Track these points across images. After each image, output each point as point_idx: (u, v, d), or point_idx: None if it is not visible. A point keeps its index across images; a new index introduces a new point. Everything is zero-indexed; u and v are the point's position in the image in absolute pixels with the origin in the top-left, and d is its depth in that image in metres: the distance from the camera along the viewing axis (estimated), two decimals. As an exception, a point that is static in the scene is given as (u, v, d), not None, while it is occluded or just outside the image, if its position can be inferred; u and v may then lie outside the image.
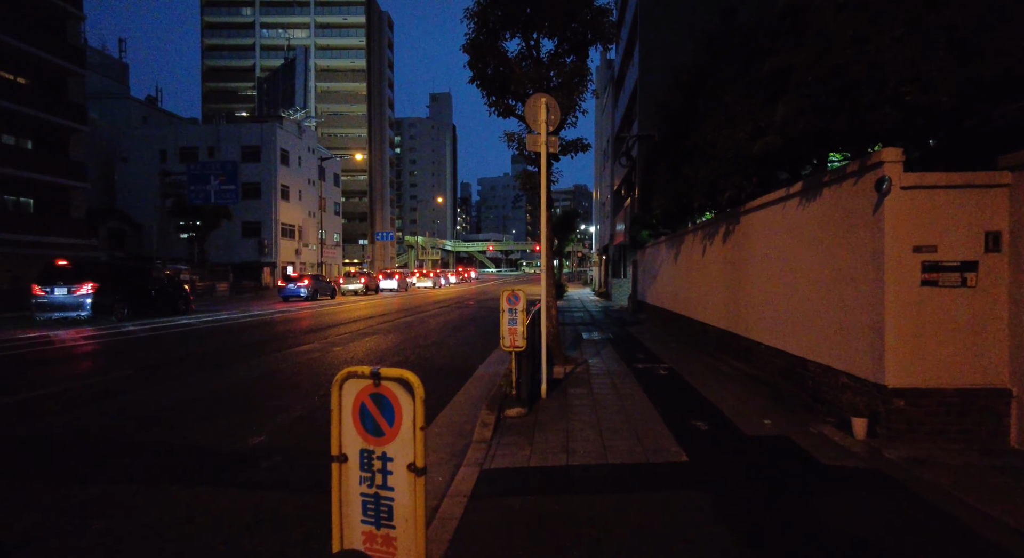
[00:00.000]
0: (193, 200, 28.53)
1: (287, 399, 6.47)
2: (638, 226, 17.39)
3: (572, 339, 11.77)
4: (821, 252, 5.47)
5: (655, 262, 15.35)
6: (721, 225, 8.85)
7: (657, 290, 15.09)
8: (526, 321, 5.72)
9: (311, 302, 27.21)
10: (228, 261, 45.72)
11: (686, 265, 11.39)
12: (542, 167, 6.22)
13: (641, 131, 19.15)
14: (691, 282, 11.03)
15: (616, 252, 27.67)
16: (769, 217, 6.88)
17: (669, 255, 13.18)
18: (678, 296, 12.30)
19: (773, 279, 6.75)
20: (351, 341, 11.67)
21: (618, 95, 27.30)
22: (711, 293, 9.58)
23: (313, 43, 74.45)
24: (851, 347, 4.90)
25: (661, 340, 11.45)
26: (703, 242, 10.00)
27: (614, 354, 9.59)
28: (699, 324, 10.46)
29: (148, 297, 17.49)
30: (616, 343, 11.07)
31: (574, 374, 7.69)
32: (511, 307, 5.72)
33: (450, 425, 5.47)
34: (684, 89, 9.99)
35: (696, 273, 10.59)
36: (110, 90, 71.47)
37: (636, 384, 7.00)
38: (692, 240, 10.82)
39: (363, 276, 35.23)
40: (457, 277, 62.32)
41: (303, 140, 52.80)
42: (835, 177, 5.16)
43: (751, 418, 5.31)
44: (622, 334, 12.66)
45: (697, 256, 10.47)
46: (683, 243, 11.60)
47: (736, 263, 8.19)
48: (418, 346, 11.00)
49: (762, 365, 7.20)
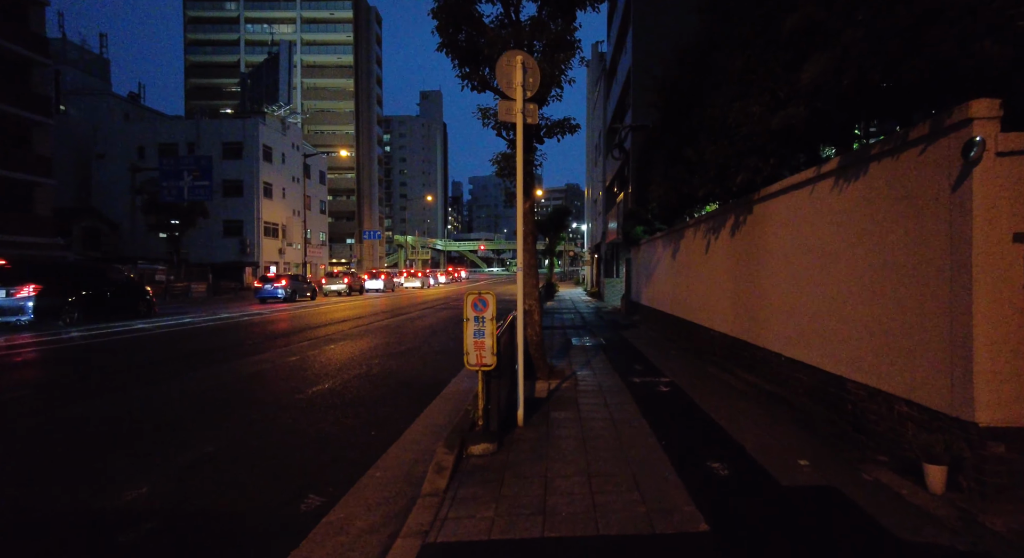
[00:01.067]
0: (165, 197, 27.06)
1: (202, 429, 5.25)
2: (632, 222, 16.27)
3: (560, 345, 10.60)
4: (868, 244, 4.32)
5: (650, 260, 14.22)
6: (729, 216, 7.71)
7: (653, 291, 13.96)
8: (497, 332, 4.54)
9: (289, 303, 25.88)
10: (209, 261, 44.23)
11: (686, 263, 10.26)
12: (518, 141, 5.03)
13: (635, 121, 18.03)
14: (692, 282, 9.90)
15: (608, 250, 26.57)
16: (793, 204, 5.74)
17: (666, 252, 12.05)
18: (677, 297, 11.17)
19: (797, 278, 5.61)
20: (314, 348, 10.43)
21: (610, 87, 26.17)
22: (716, 294, 8.44)
23: (299, 38, 72.86)
24: (913, 366, 3.76)
25: (659, 347, 10.30)
26: (706, 236, 8.86)
27: (607, 364, 8.42)
28: (702, 329, 9.32)
29: (103, 300, 16.12)
30: (609, 350, 9.91)
31: (560, 391, 6.51)
32: (477, 315, 4.53)
33: (398, 466, 4.27)
34: (687, 65, 8.83)
35: (698, 272, 9.46)
36: (90, 86, 69.69)
37: (633, 405, 5.83)
38: (693, 235, 9.68)
39: (346, 276, 33.86)
40: (447, 277, 61.00)
41: (287, 137, 51.31)
42: (891, 147, 4.01)
43: (782, 456, 4.15)
44: (615, 339, 11.51)
45: (699, 253, 9.33)
46: (682, 239, 10.46)
47: (748, 260, 7.05)
48: (388, 354, 9.78)
49: (782, 380, 6.05)
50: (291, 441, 4.88)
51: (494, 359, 4.49)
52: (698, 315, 9.54)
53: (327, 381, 7.45)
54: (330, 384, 7.26)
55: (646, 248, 14.95)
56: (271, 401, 6.35)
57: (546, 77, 6.36)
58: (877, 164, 4.19)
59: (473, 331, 4.52)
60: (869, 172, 4.30)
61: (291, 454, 4.55)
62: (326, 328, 14.19)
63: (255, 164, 45.67)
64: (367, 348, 10.57)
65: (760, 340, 6.67)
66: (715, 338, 8.57)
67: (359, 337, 12.25)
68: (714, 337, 8.61)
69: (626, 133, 18.18)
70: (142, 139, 45.28)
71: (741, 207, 7.22)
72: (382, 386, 7.19)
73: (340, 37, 73.22)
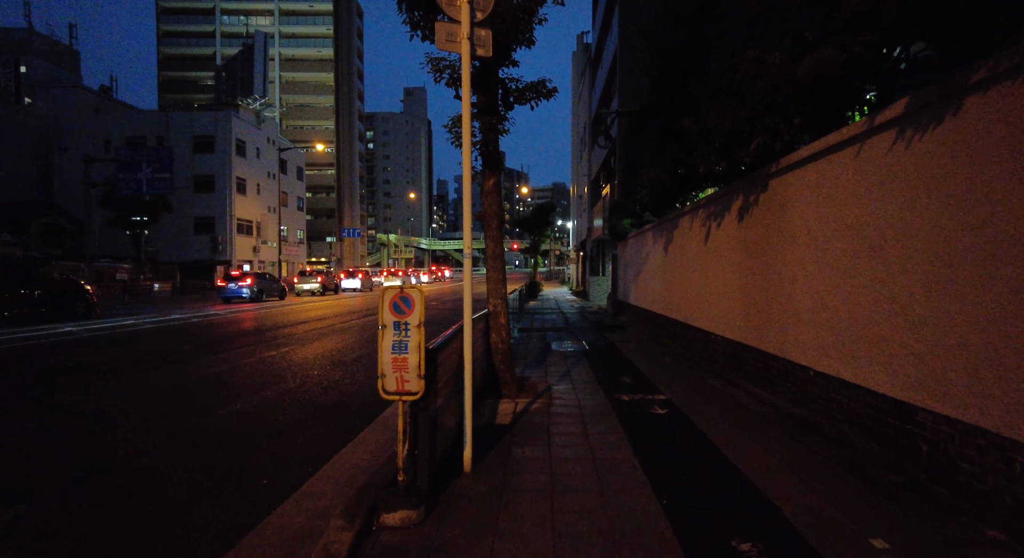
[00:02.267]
0: (123, 190, 25.19)
1: (19, 478, 3.79)
2: (618, 215, 14.97)
3: (537, 351, 9.23)
4: (962, 217, 3.00)
5: (639, 255, 12.91)
6: (736, 197, 6.39)
7: (642, 289, 12.65)
8: (424, 343, 3.13)
9: (255, 303, 24.22)
10: (180, 260, 42.31)
11: (680, 257, 8.94)
12: (464, 79, 3.64)
13: (622, 107, 16.73)
14: (687, 279, 8.58)
15: (594, 248, 25.28)
16: (829, 172, 4.41)
17: (657, 246, 10.73)
18: (670, 296, 9.85)
19: (836, 269, 4.29)
20: (251, 356, 8.94)
21: (595, 75, 24.88)
22: (718, 293, 7.12)
23: (278, 31, 70.73)
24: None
25: (649, 353, 8.97)
26: (706, 224, 7.54)
27: (590, 376, 7.05)
28: (699, 333, 8.00)
29: (31, 300, 14.43)
30: (593, 358, 8.56)
31: (528, 415, 5.12)
32: (398, 320, 3.12)
33: (274, 546, 2.86)
34: (682, 22, 7.48)
35: (695, 267, 8.14)
36: (58, 78, 67.03)
37: (621, 435, 4.46)
38: (690, 224, 8.36)
39: (319, 275, 32.18)
40: (429, 276, 59.38)
41: (262, 131, 49.39)
42: (998, 72, 2.69)
43: (841, 529, 2.81)
44: (600, 344, 10.17)
45: (696, 244, 8.01)
46: (676, 229, 9.14)
47: (761, 249, 5.74)
48: (334, 363, 8.33)
49: (812, 401, 4.73)
50: (135, 499, 3.44)
51: (421, 384, 3.09)
52: (695, 317, 8.22)
53: (245, 399, 6.00)
54: (246, 404, 5.81)
55: (634, 243, 13.65)
56: (153, 431, 4.88)
57: (508, 13, 4.99)
58: (982, 97, 2.86)
59: (391, 343, 3.12)
60: (965, 111, 2.97)
61: (124, 523, 3.11)
62: (280, 331, 12.68)
63: (227, 158, 43.78)
64: (313, 355, 9.10)
65: (778, 348, 5.35)
66: (716, 344, 7.25)
67: (311, 341, 10.77)
68: (715, 342, 7.29)
69: (612, 119, 16.87)
70: (108, 132, 43.16)
71: (753, 184, 5.90)
72: (310, 406, 5.76)
73: (320, 30, 71.21)
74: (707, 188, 9.25)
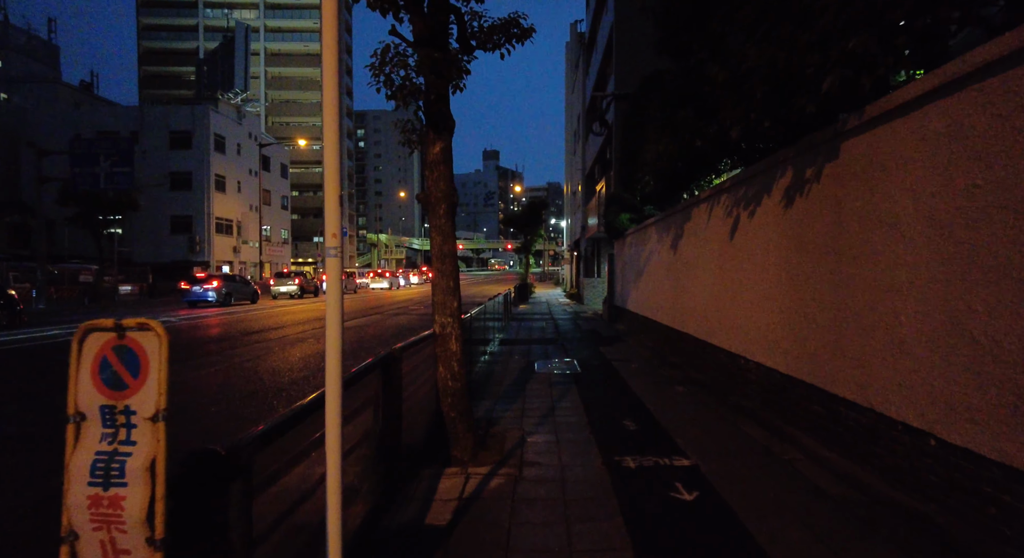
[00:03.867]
0: (78, 185, 23.20)
1: None
2: (615, 208, 13.19)
3: (517, 374, 7.42)
4: None
5: (639, 255, 11.13)
6: (781, 171, 4.59)
7: (643, 294, 10.86)
8: (163, 457, 1.34)
9: (222, 308, 22.33)
10: (155, 260, 40.33)
11: (693, 255, 7.16)
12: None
13: (619, 89, 14.95)
14: (704, 283, 6.79)
15: (589, 247, 23.51)
16: (973, 116, 2.62)
17: (662, 243, 8.95)
18: (679, 304, 8.06)
19: (985, 273, 2.50)
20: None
21: (589, 61, 23.13)
22: (752, 303, 5.33)
23: (263, 24, 68.69)
24: None
25: (657, 379, 7.17)
26: (732, 213, 5.75)
27: (580, 418, 5.23)
28: (720, 353, 6.21)
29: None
30: (586, 385, 6.74)
31: (481, 504, 3.29)
32: (109, 402, 1.32)
33: None
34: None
35: (717, 267, 6.35)
36: (36, 73, 64.84)
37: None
38: (707, 214, 6.57)
39: (297, 277, 30.25)
40: (419, 277, 57.41)
41: (243, 126, 47.38)
42: None
43: None
44: (595, 364, 8.36)
45: (717, 239, 6.23)
46: (688, 221, 7.35)
47: (828, 242, 3.94)
48: (232, 397, 6.49)
49: (931, 487, 2.94)
50: None
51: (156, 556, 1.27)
52: (716, 333, 6.42)
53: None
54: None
55: (634, 240, 11.86)
56: None
57: None
58: None
59: (90, 461, 1.30)
60: None
61: None
62: (220, 344, 10.81)
63: (206, 155, 41.81)
64: (239, 378, 7.25)
65: (858, 393, 3.56)
66: (747, 372, 5.46)
67: (249, 360, 8.92)
68: (746, 370, 5.49)
69: (608, 102, 15.09)
70: (79, 128, 40.96)
71: (811, 151, 4.11)
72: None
73: (306, 24, 69.17)
74: (723, 173, 7.49)
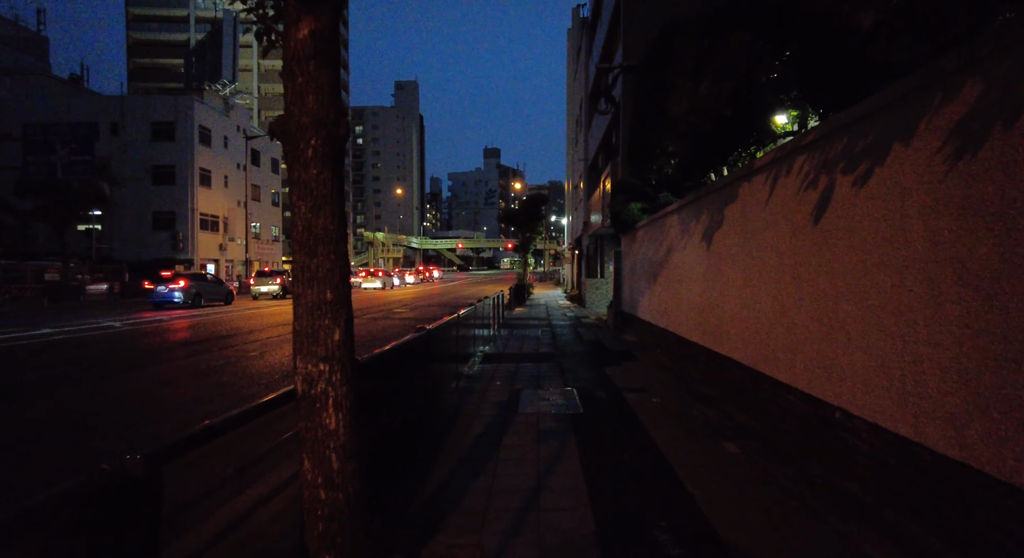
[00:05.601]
0: (32, 175, 21.28)
1: None
2: (623, 197, 11.17)
3: (495, 411, 5.41)
4: None
5: (654, 251, 9.11)
6: (944, 93, 2.57)
7: (660, 300, 8.84)
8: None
9: (189, 310, 20.38)
10: (136, 258, 38.29)
11: (741, 250, 5.14)
12: None
13: (627, 61, 12.92)
14: (762, 290, 4.77)
15: (592, 244, 21.48)
16: None
17: (689, 235, 6.94)
18: (715, 317, 6.04)
19: None
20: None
21: (592, 41, 21.10)
22: (866, 326, 3.31)
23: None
24: None
25: (690, 425, 5.14)
26: (821, 182, 3.74)
27: (579, 516, 3.20)
28: (794, 396, 4.18)
29: None
30: (588, 438, 4.72)
31: None
32: None
33: None
34: None
35: (790, 266, 4.32)
36: (26, 66, 63.00)
37: None
38: (766, 189, 4.56)
39: (279, 276, 28.27)
40: (416, 276, 55.36)
41: (231, 119, 45.40)
42: None
43: None
44: (602, 396, 6.33)
45: (785, 225, 4.21)
46: (731, 202, 5.33)
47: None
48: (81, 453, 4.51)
49: None
50: None
51: None
52: (781, 363, 4.39)
53: None
54: None
55: (647, 234, 9.85)
56: None
57: None
58: None
59: None
60: None
61: None
62: (149, 356, 8.82)
63: (189, 147, 39.82)
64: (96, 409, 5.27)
65: None
66: (856, 433, 3.43)
67: (129, 383, 6.93)
68: (853, 430, 3.47)
69: (616, 76, 13.06)
70: (55, 117, 38.77)
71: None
72: None
73: (301, 15, 67.00)
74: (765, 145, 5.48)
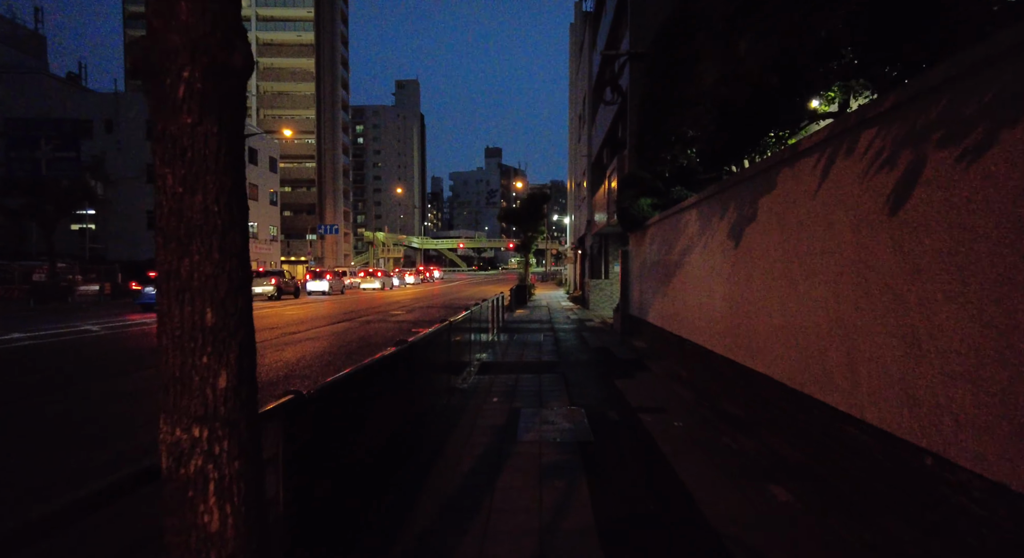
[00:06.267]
0: (15, 171, 20.55)
1: None
2: (632, 192, 10.32)
3: (490, 438, 4.56)
4: None
5: (668, 250, 8.26)
6: None
7: (674, 303, 7.99)
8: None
9: (177, 312, 19.54)
10: (131, 258, 37.53)
11: (783, 249, 4.29)
12: None
13: (634, 48, 12.06)
14: (812, 295, 3.91)
15: (596, 244, 20.63)
16: None
17: (712, 231, 6.09)
18: (745, 325, 5.19)
19: None
20: None
21: (596, 33, 20.25)
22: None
23: (255, 13, 65.99)
24: None
25: (722, 458, 4.28)
26: (900, 161, 2.89)
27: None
28: (864, 433, 3.33)
29: None
30: (601, 477, 3.85)
31: None
32: None
33: None
34: None
35: (855, 265, 3.47)
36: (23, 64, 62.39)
37: None
38: (816, 173, 3.70)
39: (274, 276, 27.45)
40: (416, 276, 54.57)
41: (228, 116, 44.52)
42: None
43: None
44: (613, 418, 5.48)
45: (851, 216, 3.36)
46: (768, 193, 4.48)
47: None
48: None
49: None
50: None
51: None
52: (838, 385, 3.52)
53: None
54: None
55: (659, 231, 9.00)
56: None
57: None
58: None
59: None
60: None
61: None
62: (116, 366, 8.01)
63: (185, 145, 38.99)
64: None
65: None
66: (964, 491, 2.58)
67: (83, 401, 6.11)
68: (961, 488, 2.62)
69: (622, 64, 12.21)
70: (48, 114, 38.34)
71: None
72: None
73: (300, 12, 66.41)
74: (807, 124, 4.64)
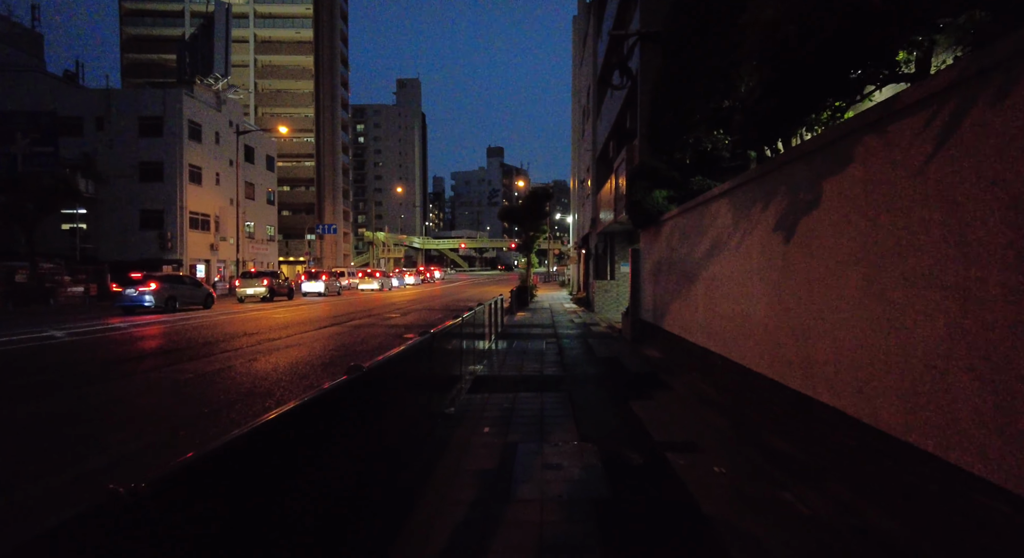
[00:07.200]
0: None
1: None
2: (645, 185, 9.23)
3: (476, 487, 3.46)
4: None
5: (690, 248, 7.17)
6: None
7: (697, 309, 6.90)
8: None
9: (161, 314, 18.59)
10: (122, 258, 36.54)
11: (872, 246, 3.22)
12: None
13: (644, 27, 10.96)
14: (925, 309, 2.85)
15: (601, 243, 19.53)
16: None
17: (750, 224, 5.01)
18: (802, 349, 4.10)
19: None
20: None
21: (600, 21, 19.16)
22: None
23: (253, 10, 65.04)
24: None
25: (793, 530, 3.20)
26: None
27: None
28: (1008, 502, 2.27)
29: None
30: (622, 555, 2.81)
31: None
32: None
33: None
34: None
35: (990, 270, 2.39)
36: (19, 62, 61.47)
37: None
38: (923, 133, 2.64)
39: (266, 277, 26.44)
40: (416, 277, 53.52)
41: (223, 114, 43.65)
42: None
43: None
44: (635, 460, 4.38)
45: (1004, 196, 2.30)
46: (840, 171, 3.41)
47: None
48: None
49: None
50: None
51: None
52: (989, 453, 2.46)
53: None
54: None
55: (678, 226, 7.91)
56: None
57: None
58: None
59: None
60: None
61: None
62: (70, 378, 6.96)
63: (178, 143, 38.08)
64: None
65: None
66: None
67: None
68: None
69: (632, 46, 11.12)
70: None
71: None
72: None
73: (298, 9, 65.43)
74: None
